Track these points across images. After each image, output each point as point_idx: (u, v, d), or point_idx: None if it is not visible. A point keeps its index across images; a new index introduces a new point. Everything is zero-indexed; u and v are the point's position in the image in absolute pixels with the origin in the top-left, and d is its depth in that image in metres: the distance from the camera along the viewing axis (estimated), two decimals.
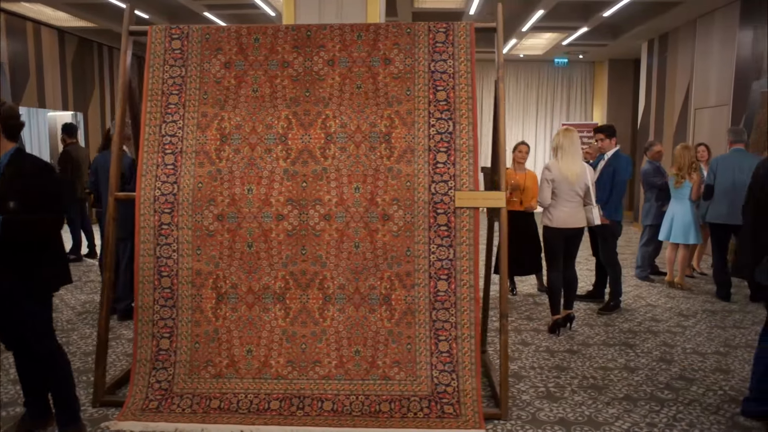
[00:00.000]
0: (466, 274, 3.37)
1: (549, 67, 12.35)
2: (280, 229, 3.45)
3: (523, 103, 12.53)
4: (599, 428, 3.16)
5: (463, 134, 3.46)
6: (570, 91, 12.51)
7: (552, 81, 12.50)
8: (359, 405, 3.27)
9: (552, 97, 12.55)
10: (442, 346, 3.36)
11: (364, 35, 3.56)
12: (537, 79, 12.52)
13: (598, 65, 12.29)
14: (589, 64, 12.39)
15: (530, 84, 12.54)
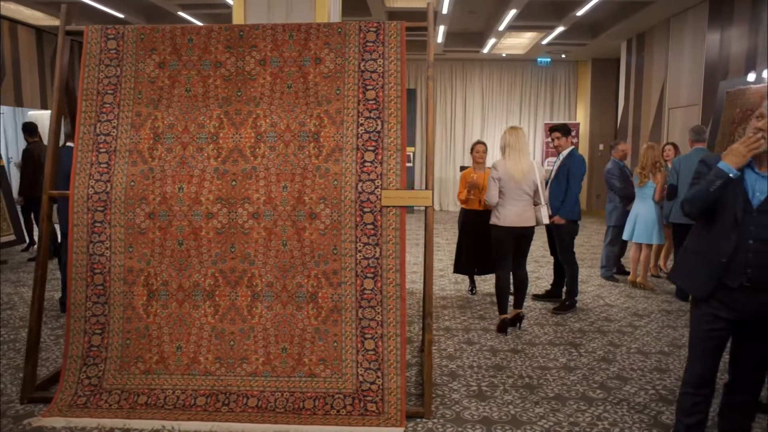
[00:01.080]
0: (393, 272, 3.40)
1: (532, 67, 12.34)
2: (210, 227, 3.48)
3: (506, 103, 12.52)
4: (520, 427, 3.18)
5: (391, 133, 3.48)
6: (554, 90, 12.49)
7: (535, 80, 12.48)
8: (284, 402, 3.30)
9: (536, 97, 12.54)
10: (368, 344, 3.38)
11: (295, 35, 3.59)
12: (520, 79, 12.51)
13: (581, 65, 12.27)
14: (573, 63, 12.37)
15: (513, 83, 12.53)
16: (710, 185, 2.51)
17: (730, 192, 2.53)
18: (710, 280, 2.57)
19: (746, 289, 2.51)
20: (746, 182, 2.54)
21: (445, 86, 12.56)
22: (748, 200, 2.51)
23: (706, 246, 2.63)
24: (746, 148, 2.44)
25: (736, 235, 2.50)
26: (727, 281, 2.54)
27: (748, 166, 2.56)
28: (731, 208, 2.53)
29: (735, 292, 2.53)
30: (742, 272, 2.50)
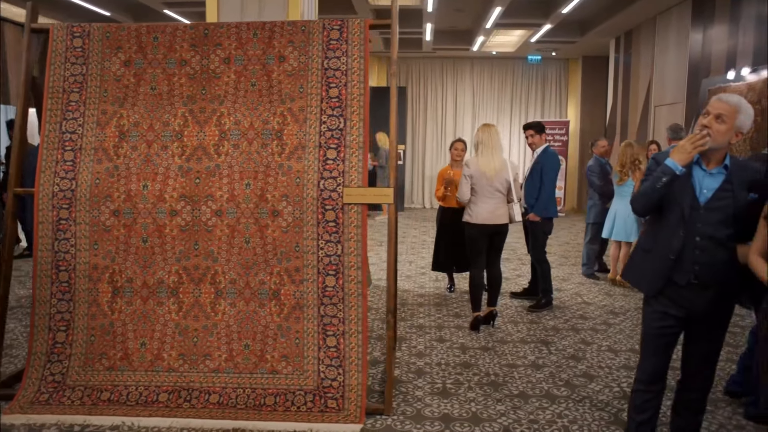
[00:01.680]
0: (354, 269, 3.41)
1: (523, 65, 12.33)
2: (174, 225, 3.50)
3: (497, 101, 12.52)
4: (479, 424, 3.19)
5: (353, 131, 3.49)
6: (544, 88, 12.48)
7: (526, 78, 12.48)
8: (245, 398, 3.32)
9: (526, 95, 12.53)
10: (330, 341, 3.40)
11: (259, 33, 3.60)
12: (511, 77, 12.50)
13: (572, 62, 12.26)
14: (564, 61, 12.36)
15: (504, 81, 12.52)
16: (656, 182, 2.51)
17: (677, 189, 2.53)
18: (659, 278, 2.57)
19: (694, 286, 2.51)
20: (694, 179, 2.55)
21: (436, 84, 12.56)
22: (696, 197, 2.52)
23: (655, 243, 2.63)
24: (691, 145, 2.45)
25: (683, 232, 2.50)
26: (676, 278, 2.54)
27: (696, 163, 2.56)
28: (679, 205, 2.53)
29: (683, 289, 2.53)
30: (689, 269, 2.51)
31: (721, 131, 2.47)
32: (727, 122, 2.46)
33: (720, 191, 2.50)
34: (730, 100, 2.50)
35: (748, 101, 4.68)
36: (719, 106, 2.50)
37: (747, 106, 2.51)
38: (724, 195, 2.49)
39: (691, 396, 2.73)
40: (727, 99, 2.51)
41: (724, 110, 2.47)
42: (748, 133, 5.78)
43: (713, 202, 2.49)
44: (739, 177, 2.52)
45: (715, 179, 2.53)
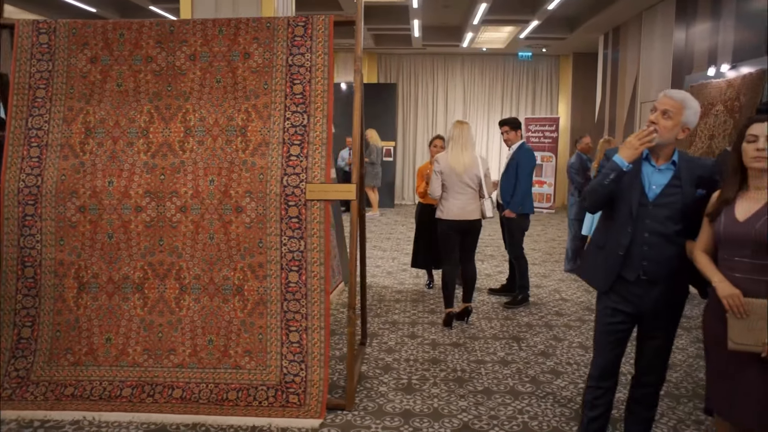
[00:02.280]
0: (317, 265, 3.42)
1: (514, 61, 12.32)
2: (139, 221, 3.51)
3: (487, 97, 12.51)
4: (439, 420, 3.21)
5: (317, 127, 3.50)
6: (535, 84, 12.47)
7: (517, 75, 12.47)
8: (208, 393, 3.34)
9: (517, 91, 12.52)
10: (293, 336, 3.42)
11: (225, 30, 3.60)
12: (502, 73, 12.49)
13: (563, 59, 12.24)
14: (555, 57, 12.35)
15: (495, 78, 12.52)
16: (604, 178, 2.52)
17: (626, 185, 2.54)
18: (609, 274, 2.58)
19: (643, 282, 2.52)
20: (643, 175, 2.55)
21: (427, 80, 12.56)
22: (644, 193, 2.52)
23: (606, 240, 2.64)
24: (638, 141, 2.45)
25: (632, 228, 2.51)
26: (625, 274, 2.55)
27: (645, 159, 2.56)
28: (628, 201, 2.54)
29: (632, 285, 2.54)
30: (638, 265, 2.52)
31: (668, 127, 2.48)
32: (673, 118, 2.47)
33: (668, 187, 2.51)
34: (675, 96, 2.51)
35: (726, 97, 4.68)
36: (665, 101, 2.51)
37: (693, 102, 2.52)
38: (673, 191, 2.50)
39: (643, 391, 2.74)
40: (673, 95, 2.52)
41: (670, 106, 2.48)
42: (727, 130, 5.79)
43: (661, 198, 2.50)
44: (688, 173, 2.52)
45: (663, 175, 2.53)
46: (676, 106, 2.48)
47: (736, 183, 2.31)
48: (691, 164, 2.56)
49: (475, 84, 12.49)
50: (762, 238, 2.18)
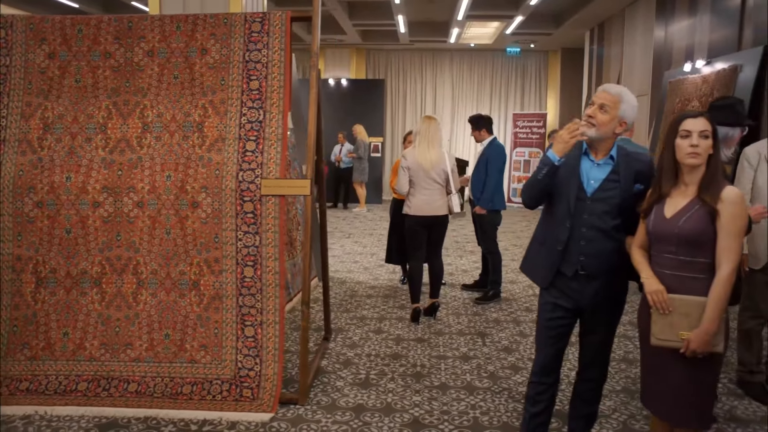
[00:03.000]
0: (272, 260, 3.44)
1: (502, 57, 12.30)
2: (97, 216, 3.53)
3: (476, 93, 12.50)
4: (390, 414, 3.22)
5: (272, 123, 3.51)
6: (524, 80, 12.46)
7: (506, 70, 12.45)
8: (163, 387, 3.36)
9: (506, 87, 12.51)
10: (248, 331, 3.44)
11: (182, 26, 3.61)
12: (490, 69, 12.48)
13: (551, 54, 12.22)
14: (543, 53, 12.33)
15: (484, 73, 12.50)
16: (538, 173, 2.53)
17: (565, 180, 2.55)
18: (549, 269, 2.59)
19: (581, 277, 2.53)
20: (582, 170, 2.55)
21: (415, 76, 12.55)
22: (583, 188, 2.53)
23: (545, 235, 2.65)
24: (569, 135, 2.46)
25: (570, 223, 2.51)
26: (563, 269, 2.56)
27: (585, 154, 2.57)
28: (566, 196, 2.54)
29: (571, 281, 2.55)
30: (576, 260, 2.52)
31: (605, 121, 2.48)
32: (610, 112, 2.48)
33: (607, 182, 2.51)
34: (611, 90, 2.52)
35: (701, 93, 4.67)
36: (602, 96, 2.52)
37: (630, 96, 2.53)
38: (611, 186, 2.51)
39: (585, 387, 2.75)
40: (609, 89, 2.53)
41: (606, 100, 2.49)
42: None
43: (600, 192, 2.51)
44: (626, 167, 2.53)
45: (602, 170, 2.54)
46: (613, 100, 2.49)
47: (669, 179, 2.31)
48: (630, 159, 2.56)
49: (463, 80, 12.49)
50: (686, 235, 2.19)
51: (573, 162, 2.57)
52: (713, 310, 2.13)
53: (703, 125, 2.19)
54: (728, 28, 5.68)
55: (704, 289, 2.17)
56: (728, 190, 2.18)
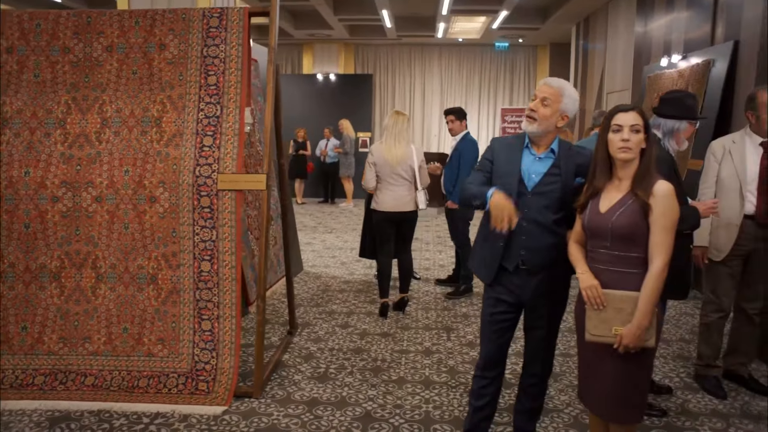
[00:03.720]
0: (228, 254, 3.46)
1: (491, 52, 12.28)
2: (56, 211, 3.55)
3: (465, 88, 12.49)
4: (342, 408, 3.24)
5: (229, 118, 3.53)
6: (513, 75, 12.45)
7: (495, 65, 12.44)
8: (119, 380, 3.39)
9: (495, 82, 12.50)
10: (205, 324, 3.46)
11: (141, 21, 3.62)
12: (479, 64, 12.46)
13: (540, 49, 12.20)
14: (532, 48, 12.31)
15: (472, 68, 12.49)
16: (472, 198, 2.53)
17: (505, 175, 2.55)
18: (492, 265, 2.60)
19: (523, 272, 2.55)
20: (523, 164, 2.56)
21: (404, 71, 12.55)
22: (523, 182, 2.53)
23: (488, 230, 2.66)
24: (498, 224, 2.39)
25: None
26: (505, 264, 2.57)
27: (526, 148, 2.57)
28: (507, 191, 2.52)
29: (513, 275, 2.56)
30: (516, 255, 2.53)
31: (546, 115, 2.50)
32: (551, 105, 2.49)
33: (548, 176, 2.52)
34: (552, 84, 2.53)
35: (677, 87, 4.65)
36: (544, 89, 2.53)
37: (571, 90, 2.54)
38: (552, 179, 2.52)
39: (530, 381, 2.76)
40: (551, 82, 2.54)
41: (548, 93, 2.50)
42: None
43: (541, 186, 2.51)
44: (567, 161, 2.53)
45: (543, 164, 2.55)
46: (555, 94, 2.50)
47: (603, 174, 2.32)
48: (571, 152, 2.57)
49: (452, 74, 12.48)
50: (619, 230, 2.20)
51: (514, 156, 2.58)
52: (645, 305, 2.13)
53: (634, 119, 2.19)
54: (702, 24, 5.67)
55: (638, 283, 2.17)
56: (659, 184, 2.18)
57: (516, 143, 2.60)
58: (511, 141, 2.64)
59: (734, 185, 3.28)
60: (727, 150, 3.36)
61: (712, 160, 3.41)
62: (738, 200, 3.28)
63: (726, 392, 3.43)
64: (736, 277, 3.41)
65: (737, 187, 3.28)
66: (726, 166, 3.34)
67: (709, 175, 3.41)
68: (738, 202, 3.28)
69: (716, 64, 5.23)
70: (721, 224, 3.34)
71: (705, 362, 3.52)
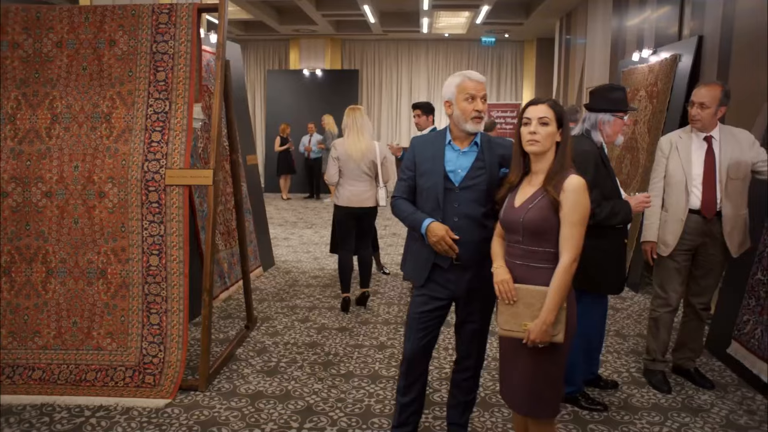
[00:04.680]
0: (176, 249, 3.49)
1: (478, 47, 12.26)
2: (6, 206, 3.58)
3: None
4: (285, 401, 3.27)
5: (178, 114, 3.55)
6: (500, 70, 12.43)
7: (482, 61, 12.43)
8: (67, 373, 3.42)
9: None
10: (153, 318, 3.49)
11: (91, 17, 3.64)
12: (466, 59, 12.45)
13: (527, 44, 12.18)
14: (519, 43, 12.29)
15: (459, 64, 12.48)
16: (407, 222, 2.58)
17: (430, 173, 2.56)
18: (425, 265, 2.58)
19: (456, 268, 2.54)
20: (447, 160, 2.55)
21: (391, 67, 12.54)
22: (449, 178, 2.53)
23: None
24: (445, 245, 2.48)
25: (441, 216, 2.52)
26: (439, 262, 2.55)
27: (449, 144, 2.57)
28: (434, 188, 2.54)
29: (447, 272, 2.56)
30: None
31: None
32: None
33: (473, 169, 2.52)
34: (480, 78, 2.55)
35: (648, 82, 4.68)
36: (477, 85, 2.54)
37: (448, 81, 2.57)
38: (478, 173, 2.52)
39: (462, 376, 2.77)
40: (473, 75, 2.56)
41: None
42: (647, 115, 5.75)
43: (467, 180, 2.52)
44: (490, 153, 2.54)
45: (467, 158, 2.55)
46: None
47: (517, 167, 2.33)
48: (492, 144, 2.57)
49: (439, 70, 12.47)
50: (529, 225, 2.20)
51: (437, 153, 2.57)
52: (550, 300, 2.13)
53: (543, 112, 2.20)
54: (671, 18, 5.66)
55: (550, 278, 2.16)
56: (570, 179, 2.17)
57: (438, 140, 2.60)
58: (433, 138, 2.64)
59: (680, 180, 3.29)
60: (674, 145, 3.37)
61: (660, 155, 3.42)
62: (684, 195, 3.29)
63: (671, 387, 3.45)
64: (683, 271, 3.42)
65: (683, 181, 3.29)
66: (673, 162, 3.35)
67: (658, 171, 3.43)
68: (684, 197, 3.29)
69: (682, 59, 5.23)
70: (668, 219, 3.36)
71: (652, 357, 3.54)
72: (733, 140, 3.28)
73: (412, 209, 2.58)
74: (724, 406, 3.26)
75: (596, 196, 2.91)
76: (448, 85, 2.55)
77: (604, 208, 2.95)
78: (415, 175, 2.60)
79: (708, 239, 3.33)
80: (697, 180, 3.29)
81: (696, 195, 3.30)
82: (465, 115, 2.49)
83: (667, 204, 3.35)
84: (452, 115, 2.54)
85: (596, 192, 2.92)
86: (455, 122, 2.54)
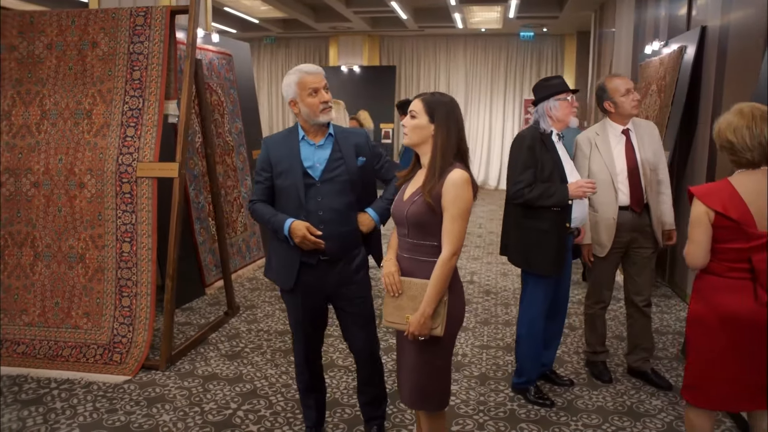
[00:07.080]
0: (146, 237, 3.73)
1: (517, 42, 12.03)
2: (1, 195, 3.93)
3: (490, 78, 12.29)
4: (233, 384, 3.42)
5: (150, 110, 3.78)
6: (540, 65, 12.14)
7: (521, 56, 12.18)
8: (46, 349, 3.73)
9: (521, 72, 12.24)
10: (125, 301, 3.75)
11: (77, 21, 3.94)
12: (505, 54, 12.23)
13: (567, 38, 11.83)
14: (559, 37, 11.96)
15: (498, 59, 12.28)
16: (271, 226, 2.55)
17: (287, 171, 2.53)
18: (294, 264, 2.54)
19: (324, 263, 2.54)
20: (303, 155, 2.53)
21: (429, 62, 12.51)
22: (308, 173, 2.51)
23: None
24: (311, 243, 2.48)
25: (305, 213, 2.49)
26: (306, 260, 2.52)
27: (303, 140, 2.55)
28: (294, 186, 2.51)
29: (316, 269, 2.54)
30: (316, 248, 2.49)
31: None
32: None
33: (331, 161, 2.53)
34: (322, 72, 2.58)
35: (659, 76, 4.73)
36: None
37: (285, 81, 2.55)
38: (337, 164, 2.53)
39: (364, 373, 2.78)
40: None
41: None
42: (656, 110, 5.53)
43: (327, 173, 2.52)
44: (346, 143, 2.56)
45: (324, 150, 2.55)
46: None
47: (412, 161, 2.37)
48: (347, 134, 2.61)
49: (477, 65, 12.33)
50: (412, 218, 2.22)
51: (292, 150, 2.54)
52: (430, 293, 2.12)
53: (413, 106, 2.21)
54: (681, 9, 5.42)
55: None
56: (452, 173, 2.16)
57: (291, 137, 2.59)
58: (285, 136, 2.62)
59: (606, 179, 3.23)
60: (594, 143, 3.31)
61: (580, 155, 3.36)
62: (612, 193, 3.22)
63: (612, 377, 3.49)
64: (615, 269, 3.46)
65: (609, 180, 3.23)
66: (595, 160, 3.30)
67: (581, 172, 3.31)
68: (612, 196, 3.22)
69: (687, 51, 5.00)
70: (599, 219, 3.31)
71: (592, 349, 3.58)
72: (646, 132, 3.32)
73: (272, 212, 2.56)
74: (673, 412, 3.15)
75: (528, 176, 2.98)
76: (288, 85, 2.54)
77: (535, 189, 2.96)
78: (272, 176, 2.57)
79: (638, 234, 3.31)
80: (622, 176, 3.25)
81: (623, 192, 3.26)
82: (314, 110, 2.49)
83: (596, 204, 3.29)
84: (300, 113, 2.53)
85: (528, 173, 2.99)
86: (305, 118, 2.53)
